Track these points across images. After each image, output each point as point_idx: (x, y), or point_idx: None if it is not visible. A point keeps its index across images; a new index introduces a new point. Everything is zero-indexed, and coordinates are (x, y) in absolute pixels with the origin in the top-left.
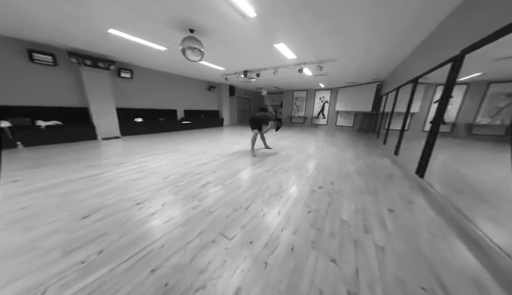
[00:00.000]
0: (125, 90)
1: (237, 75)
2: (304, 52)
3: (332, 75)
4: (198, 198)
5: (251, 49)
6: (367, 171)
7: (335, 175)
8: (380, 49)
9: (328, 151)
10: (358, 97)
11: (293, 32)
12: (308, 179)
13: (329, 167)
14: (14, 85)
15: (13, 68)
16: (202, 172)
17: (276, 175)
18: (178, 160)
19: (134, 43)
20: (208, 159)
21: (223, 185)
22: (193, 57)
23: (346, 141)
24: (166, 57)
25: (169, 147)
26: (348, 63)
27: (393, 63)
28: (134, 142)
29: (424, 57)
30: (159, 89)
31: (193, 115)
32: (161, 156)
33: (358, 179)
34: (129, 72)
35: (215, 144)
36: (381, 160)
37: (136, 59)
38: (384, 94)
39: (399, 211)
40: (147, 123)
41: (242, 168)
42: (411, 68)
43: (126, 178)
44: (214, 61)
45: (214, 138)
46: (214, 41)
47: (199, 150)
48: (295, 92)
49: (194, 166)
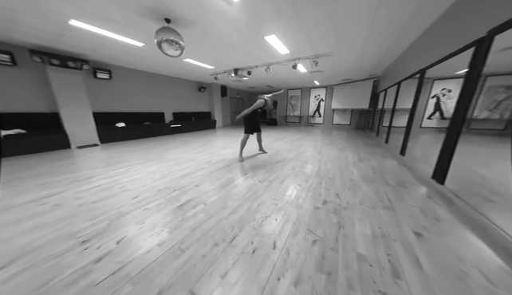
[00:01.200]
0: (103, 92)
1: (227, 73)
2: (297, 45)
3: (328, 71)
4: (169, 226)
5: (239, 43)
6: (374, 176)
7: (339, 184)
8: (380, 39)
9: (327, 153)
10: (354, 94)
11: (284, 21)
12: (308, 191)
13: (331, 173)
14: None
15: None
16: (182, 188)
17: (270, 186)
18: (156, 172)
19: (104, 38)
20: (193, 168)
21: (205, 204)
22: (171, 51)
23: (345, 140)
24: (147, 55)
25: (151, 155)
26: (345, 57)
27: (393, 56)
28: (113, 150)
29: (432, 45)
30: (143, 91)
31: (183, 117)
32: (138, 167)
33: (366, 188)
34: (107, 73)
35: (204, 149)
36: (387, 162)
37: (113, 57)
38: (382, 90)
39: (429, 235)
40: (130, 128)
41: (230, 179)
42: (415, 60)
43: (83, 200)
44: (200, 59)
45: (203, 142)
46: (195, 33)
47: (185, 157)
48: (290, 90)
49: (175, 179)
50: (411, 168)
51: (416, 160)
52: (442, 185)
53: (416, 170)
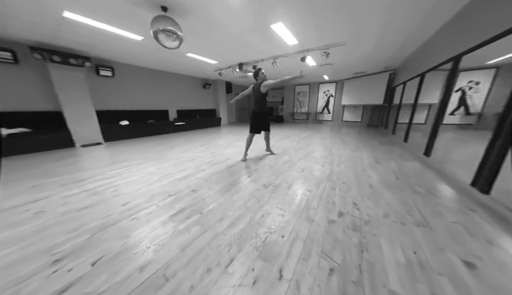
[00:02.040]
0: (106, 90)
1: (231, 69)
2: (306, 34)
3: (339, 64)
4: (157, 243)
5: (243, 34)
6: (397, 181)
7: (356, 191)
8: (400, 24)
9: (338, 152)
10: (367, 89)
11: (292, 6)
12: (320, 199)
13: (345, 176)
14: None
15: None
16: (177, 192)
17: (276, 192)
18: (154, 173)
19: (101, 32)
20: (192, 169)
21: (201, 214)
22: (169, 42)
23: (357, 139)
24: (148, 51)
25: (152, 154)
26: (359, 47)
27: (414, 44)
28: (115, 149)
29: (471, 27)
30: (147, 88)
31: (187, 115)
32: (136, 168)
33: (390, 197)
34: (110, 70)
35: (206, 148)
36: (409, 164)
37: (115, 54)
38: (400, 83)
39: (485, 267)
40: (134, 126)
41: (232, 183)
42: (446, 46)
43: (69, 206)
44: (202, 53)
45: (207, 140)
46: (194, 23)
47: (186, 157)
48: (297, 86)
49: (172, 182)
50: (440, 172)
51: (445, 162)
52: (486, 195)
53: (447, 174)
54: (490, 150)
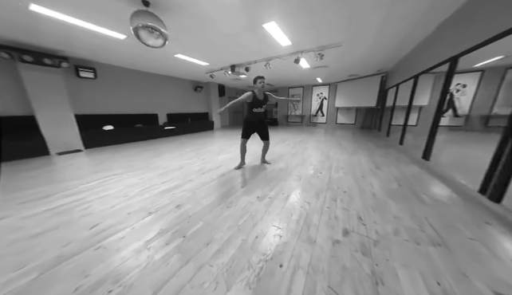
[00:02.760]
0: (88, 93)
1: (224, 71)
2: (300, 35)
3: (333, 66)
4: (122, 284)
5: (235, 33)
6: (400, 189)
7: (359, 201)
8: (398, 25)
9: (336, 157)
10: (360, 91)
11: (284, 5)
12: (321, 213)
13: (346, 184)
14: None
15: None
16: (159, 209)
17: (272, 206)
18: (135, 185)
19: (78, 29)
20: (179, 180)
21: (184, 238)
22: (152, 40)
23: (353, 142)
24: (134, 51)
25: (137, 162)
26: (354, 49)
27: (407, 47)
28: (96, 156)
29: (461, 29)
30: (134, 91)
31: (178, 119)
32: (116, 179)
33: (396, 208)
34: (91, 71)
35: (197, 155)
36: (409, 169)
37: (96, 54)
38: (393, 86)
39: None
40: (119, 131)
41: (223, 195)
42: (441, 47)
43: (23, 231)
44: (192, 54)
45: (198, 146)
46: (182, 20)
47: (174, 165)
48: (290, 89)
49: (154, 195)
50: (442, 177)
51: (445, 166)
52: (498, 204)
53: (451, 180)
54: (499, 155)
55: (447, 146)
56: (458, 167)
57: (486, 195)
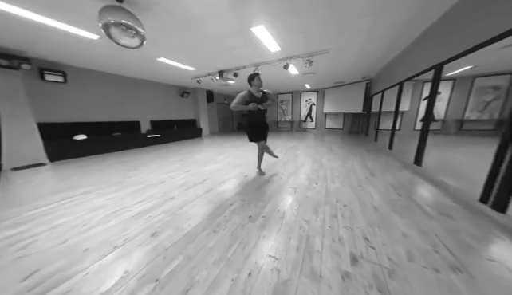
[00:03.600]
0: (56, 99)
1: (211, 76)
2: (290, 40)
3: (321, 73)
4: None
5: (221, 36)
6: (401, 200)
7: (361, 217)
8: (384, 32)
9: (329, 164)
10: (347, 97)
11: (273, 7)
12: (323, 235)
13: (344, 196)
14: None
15: None
16: (128, 240)
17: (266, 228)
18: (101, 208)
19: (38, 26)
20: (158, 198)
21: (156, 283)
22: (126, 39)
23: (343, 147)
24: (111, 54)
25: (111, 176)
26: (341, 56)
27: (390, 55)
28: (63, 171)
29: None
30: (113, 96)
31: (163, 126)
32: (79, 200)
33: (403, 224)
34: (60, 75)
35: (182, 166)
36: (404, 175)
37: (65, 55)
38: (378, 92)
39: None
40: (93, 140)
41: (208, 218)
42: (426, 55)
43: None
44: (176, 58)
45: (184, 155)
46: (162, 19)
47: (153, 179)
48: (280, 94)
49: (123, 222)
50: (438, 184)
51: (437, 171)
52: (503, 214)
53: (447, 187)
54: (499, 162)
55: (432, 149)
56: (448, 172)
57: (488, 204)
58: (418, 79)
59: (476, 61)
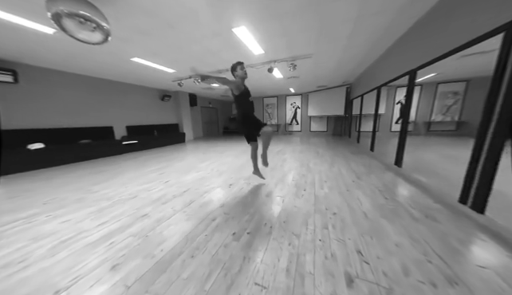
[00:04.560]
0: (5, 101)
1: (193, 79)
2: (273, 43)
3: (305, 77)
4: None
5: (201, 36)
6: (389, 204)
7: (353, 226)
8: (364, 38)
9: (317, 168)
10: (329, 101)
11: (254, 7)
12: (314, 252)
13: (333, 203)
14: None
15: None
16: (76, 279)
17: (251, 249)
18: (49, 236)
19: None
20: (127, 217)
21: None
22: (84, 33)
23: (328, 149)
24: (75, 51)
25: (69, 193)
26: (323, 61)
27: (368, 61)
28: (11, 187)
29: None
30: (79, 100)
31: (141, 131)
32: (20, 227)
33: (393, 231)
34: (9, 74)
35: (161, 175)
36: (387, 177)
37: (16, 52)
38: (357, 96)
39: None
40: (53, 150)
41: (186, 238)
42: (400, 62)
43: None
44: (153, 58)
45: (164, 163)
46: (132, 13)
47: (124, 194)
48: (265, 98)
49: (76, 253)
50: (419, 185)
51: (417, 172)
52: (482, 215)
53: (427, 187)
54: (475, 162)
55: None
56: (426, 172)
57: (467, 205)
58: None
59: (439, 69)
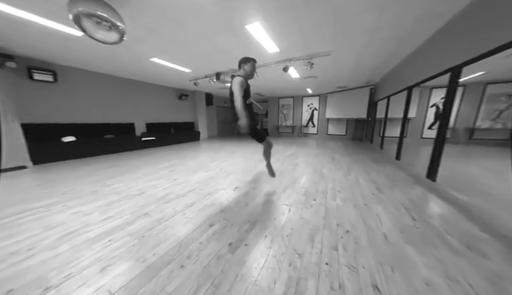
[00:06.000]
0: (45, 99)
1: (208, 79)
2: (288, 41)
3: (323, 77)
4: None
5: (213, 34)
6: (416, 226)
7: (369, 250)
8: (388, 35)
9: (331, 176)
10: (350, 103)
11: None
12: (319, 277)
13: (347, 218)
14: None
15: None
16: (66, 278)
17: (245, 266)
18: (59, 226)
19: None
20: (130, 214)
21: None
22: (101, 33)
23: (346, 155)
24: (100, 53)
25: (87, 185)
26: (343, 59)
27: (397, 58)
28: (41, 176)
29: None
30: (105, 97)
31: (159, 129)
32: (35, 216)
33: (423, 264)
34: (50, 74)
35: (170, 173)
36: (416, 192)
37: (54, 54)
38: (383, 98)
39: None
40: (83, 143)
41: (180, 244)
42: (433, 59)
43: None
44: (170, 58)
45: (176, 160)
46: (145, 13)
47: (133, 189)
48: (281, 99)
49: (75, 248)
50: (459, 206)
51: (456, 189)
52: None
53: (470, 209)
54: None
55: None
56: (468, 190)
57: None
58: (425, 85)
59: (489, 67)
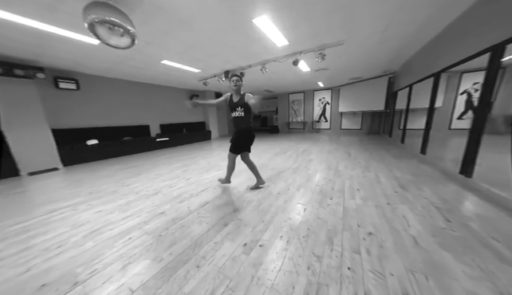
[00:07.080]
0: (70, 106)
1: (217, 78)
2: (298, 32)
3: (335, 68)
4: None
5: (220, 32)
6: (451, 228)
7: (396, 256)
8: (411, 14)
9: (347, 173)
10: (365, 95)
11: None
12: (340, 284)
13: (369, 218)
14: None
15: None
16: (92, 274)
17: (261, 269)
18: (85, 224)
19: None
20: (147, 213)
21: None
22: (115, 39)
23: (363, 151)
24: (115, 58)
25: (108, 184)
26: (358, 48)
27: (421, 42)
28: (70, 176)
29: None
30: (123, 102)
31: (172, 129)
32: (64, 214)
33: (463, 274)
34: (73, 82)
35: (183, 172)
36: (446, 190)
37: (76, 63)
38: (405, 87)
39: None
40: (105, 145)
41: (195, 243)
42: (466, 38)
43: None
44: (179, 59)
45: (188, 160)
46: (155, 17)
47: (150, 189)
48: (290, 94)
49: (98, 245)
50: (503, 206)
51: (499, 186)
52: None
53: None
54: None
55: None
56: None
57: None
58: (454, 70)
59: None
